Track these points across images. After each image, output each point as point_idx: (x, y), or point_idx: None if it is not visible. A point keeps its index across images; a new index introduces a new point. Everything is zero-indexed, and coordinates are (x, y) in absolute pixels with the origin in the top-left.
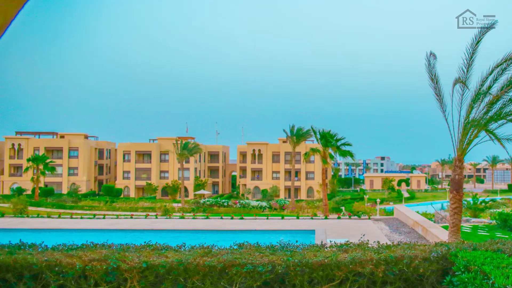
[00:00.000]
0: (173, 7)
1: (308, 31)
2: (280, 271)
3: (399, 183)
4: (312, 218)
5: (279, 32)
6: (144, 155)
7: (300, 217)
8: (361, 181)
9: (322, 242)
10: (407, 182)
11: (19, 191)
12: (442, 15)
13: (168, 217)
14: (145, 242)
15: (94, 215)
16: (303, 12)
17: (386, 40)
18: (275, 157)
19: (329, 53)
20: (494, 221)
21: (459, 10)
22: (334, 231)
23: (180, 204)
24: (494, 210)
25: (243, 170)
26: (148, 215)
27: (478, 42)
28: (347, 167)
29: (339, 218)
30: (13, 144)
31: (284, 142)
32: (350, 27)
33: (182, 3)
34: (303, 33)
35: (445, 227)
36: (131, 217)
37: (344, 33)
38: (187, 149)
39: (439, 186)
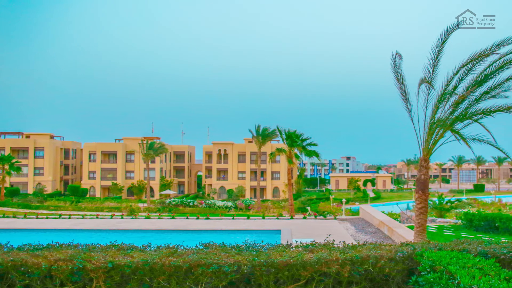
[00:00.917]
0: (139, 7)
1: (274, 31)
2: (246, 271)
3: (365, 183)
4: (278, 218)
5: (245, 32)
6: (110, 155)
7: (266, 217)
8: (327, 181)
9: (287, 242)
10: (373, 182)
11: None
12: (408, 15)
13: (133, 217)
14: (111, 242)
15: (60, 215)
16: (269, 12)
17: (352, 40)
18: (241, 157)
19: (296, 53)
20: (460, 221)
21: (426, 9)
22: (300, 231)
23: (146, 204)
24: (460, 210)
25: (209, 170)
26: (114, 215)
27: (443, 42)
28: (313, 167)
29: (304, 218)
30: None
31: (249, 142)
32: (316, 27)
33: (148, 4)
34: (270, 33)
35: (411, 227)
36: (97, 217)
37: (311, 33)
38: (152, 149)
39: (405, 186)
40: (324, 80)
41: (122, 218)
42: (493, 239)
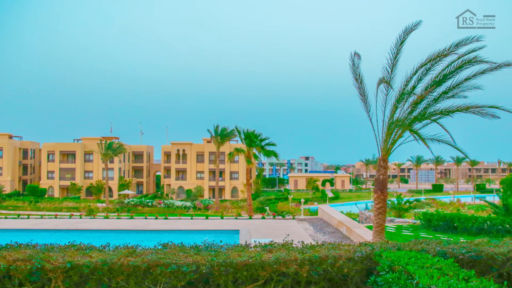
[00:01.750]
0: (97, 7)
1: (234, 31)
2: (204, 271)
3: (323, 183)
4: (236, 218)
5: (204, 32)
6: (69, 155)
7: (224, 217)
8: (286, 181)
9: (246, 242)
10: (332, 182)
11: None
12: (368, 16)
13: (92, 217)
14: (69, 242)
15: (18, 215)
16: (229, 12)
17: (312, 40)
18: (200, 157)
19: (255, 53)
20: (419, 221)
21: (386, 10)
22: (259, 231)
23: (104, 204)
24: (419, 210)
25: (168, 170)
26: (73, 215)
27: (402, 42)
28: (272, 167)
29: (263, 218)
30: None
31: (208, 142)
32: (276, 27)
33: (107, 4)
34: (229, 33)
35: (370, 227)
36: (56, 217)
37: (271, 33)
38: (111, 149)
39: (364, 186)
40: (284, 81)
41: (80, 218)
42: (451, 239)
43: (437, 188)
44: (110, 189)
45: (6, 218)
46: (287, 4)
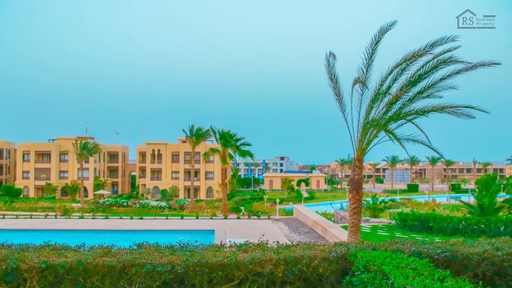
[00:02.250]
0: (71, 7)
1: (208, 32)
2: (179, 271)
3: (298, 183)
4: (211, 218)
5: (178, 32)
6: (44, 155)
7: (199, 217)
8: (261, 181)
9: (221, 242)
10: (307, 182)
11: None
12: (343, 16)
13: (67, 217)
14: (44, 242)
15: None
16: (202, 13)
17: (287, 40)
18: (175, 157)
19: (230, 54)
20: (394, 221)
21: (361, 10)
22: (234, 231)
23: (79, 204)
24: (394, 210)
25: (143, 170)
26: (48, 215)
27: (377, 42)
28: (247, 167)
29: (238, 218)
30: None
31: (183, 142)
32: (251, 28)
33: (80, 4)
34: (204, 34)
35: (345, 227)
36: (31, 217)
37: (245, 34)
38: (86, 149)
39: (339, 186)
40: (259, 80)
41: (56, 218)
42: (427, 239)
43: (412, 188)
44: (85, 189)
45: None
46: (262, 4)
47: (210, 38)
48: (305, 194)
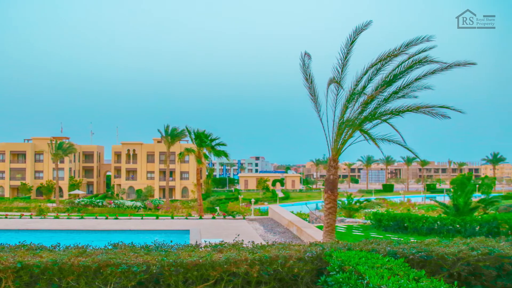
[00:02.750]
0: (47, 6)
1: (184, 31)
2: (154, 271)
3: (273, 183)
4: (186, 218)
5: (155, 32)
6: (19, 155)
7: (174, 217)
8: (236, 181)
9: (196, 242)
10: (282, 182)
11: None
12: (319, 16)
13: (42, 217)
14: (19, 242)
15: None
16: (179, 12)
17: (263, 40)
18: (150, 157)
19: (205, 54)
20: (369, 221)
21: (337, 10)
22: (209, 231)
23: (55, 204)
24: (369, 210)
25: (118, 170)
26: (23, 215)
27: (352, 42)
28: (222, 167)
29: (213, 218)
30: None
31: (159, 142)
32: (227, 28)
33: (56, 3)
34: (180, 33)
35: (320, 227)
36: (6, 217)
37: (221, 34)
38: (61, 149)
39: (314, 186)
40: (234, 81)
41: (31, 218)
42: (402, 239)
43: (388, 188)
44: (60, 189)
45: None
46: (237, 4)
47: (186, 38)
48: (280, 194)
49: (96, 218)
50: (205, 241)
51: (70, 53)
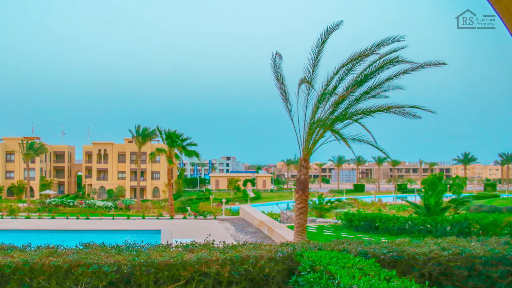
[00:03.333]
0: (16, 6)
1: (156, 31)
2: (126, 271)
3: (245, 183)
4: (158, 218)
5: (126, 32)
6: None
7: (146, 217)
8: (207, 181)
9: (167, 242)
10: (253, 182)
11: None
12: (289, 16)
13: (13, 217)
14: None
15: None
16: (152, 12)
17: (234, 40)
18: (121, 157)
19: (177, 54)
20: (340, 221)
21: (308, 11)
22: (180, 231)
23: (26, 204)
24: (340, 210)
25: (89, 170)
26: None
27: (323, 42)
28: (193, 167)
29: (184, 218)
30: None
31: (130, 142)
32: (199, 27)
33: (26, 2)
34: (151, 33)
35: (291, 227)
36: None
37: (193, 33)
38: (32, 149)
39: (285, 186)
40: (205, 80)
41: (2, 218)
42: (373, 239)
43: (359, 188)
44: (31, 189)
45: None
46: (208, 4)
47: (158, 38)
48: (252, 194)
49: (67, 218)
50: (176, 241)
51: (39, 52)
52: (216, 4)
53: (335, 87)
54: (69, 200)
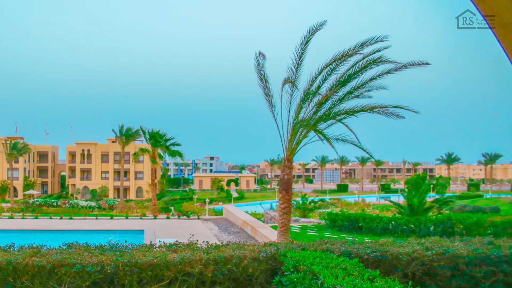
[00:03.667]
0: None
1: (138, 31)
2: (109, 271)
3: (228, 183)
4: (141, 218)
5: (109, 32)
6: None
7: (129, 217)
8: (191, 181)
9: (151, 242)
10: (236, 182)
11: None
12: (274, 16)
13: None
14: None
15: None
16: (133, 12)
17: (218, 40)
18: (104, 157)
19: (160, 53)
20: (323, 221)
21: (292, 10)
22: (163, 231)
23: (9, 204)
24: (323, 210)
25: (73, 170)
26: None
27: (307, 42)
28: (176, 167)
29: (168, 218)
30: None
31: (113, 142)
32: (182, 27)
33: (8, 2)
34: (134, 32)
35: (274, 227)
36: None
37: (175, 33)
38: (16, 149)
39: (269, 186)
40: (188, 80)
41: None
42: (356, 239)
43: (342, 188)
44: (15, 189)
45: None
46: (192, 4)
47: (140, 38)
48: (235, 194)
49: (50, 218)
50: (159, 241)
51: (23, 52)
52: (200, 4)
53: (319, 87)
54: (52, 200)
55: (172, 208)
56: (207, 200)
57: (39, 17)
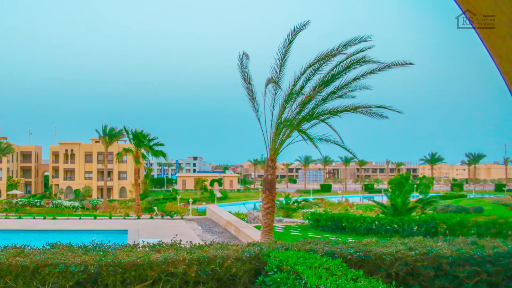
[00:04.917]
0: None
1: (122, 31)
2: (92, 271)
3: (211, 183)
4: (124, 218)
5: (92, 31)
6: None
7: (112, 217)
8: (174, 181)
9: (134, 242)
10: (220, 182)
11: None
12: (257, 16)
13: None
14: None
15: None
16: (117, 11)
17: (202, 39)
18: (88, 157)
19: (144, 53)
20: (307, 221)
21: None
22: (147, 231)
23: None
24: (307, 210)
25: (56, 170)
26: None
27: (290, 42)
28: (160, 167)
29: (151, 218)
30: None
31: (97, 142)
32: (165, 27)
33: None
34: (117, 33)
35: (258, 227)
36: None
37: (160, 33)
38: None
39: (252, 186)
40: (172, 80)
41: None
42: (340, 239)
43: (326, 188)
44: None
45: None
46: (176, 4)
47: (127, 37)
48: (218, 194)
49: (34, 218)
50: (143, 241)
51: (5, 51)
52: (182, 3)
53: (302, 87)
54: (36, 200)
55: (155, 208)
56: (191, 200)
57: (21, 16)
